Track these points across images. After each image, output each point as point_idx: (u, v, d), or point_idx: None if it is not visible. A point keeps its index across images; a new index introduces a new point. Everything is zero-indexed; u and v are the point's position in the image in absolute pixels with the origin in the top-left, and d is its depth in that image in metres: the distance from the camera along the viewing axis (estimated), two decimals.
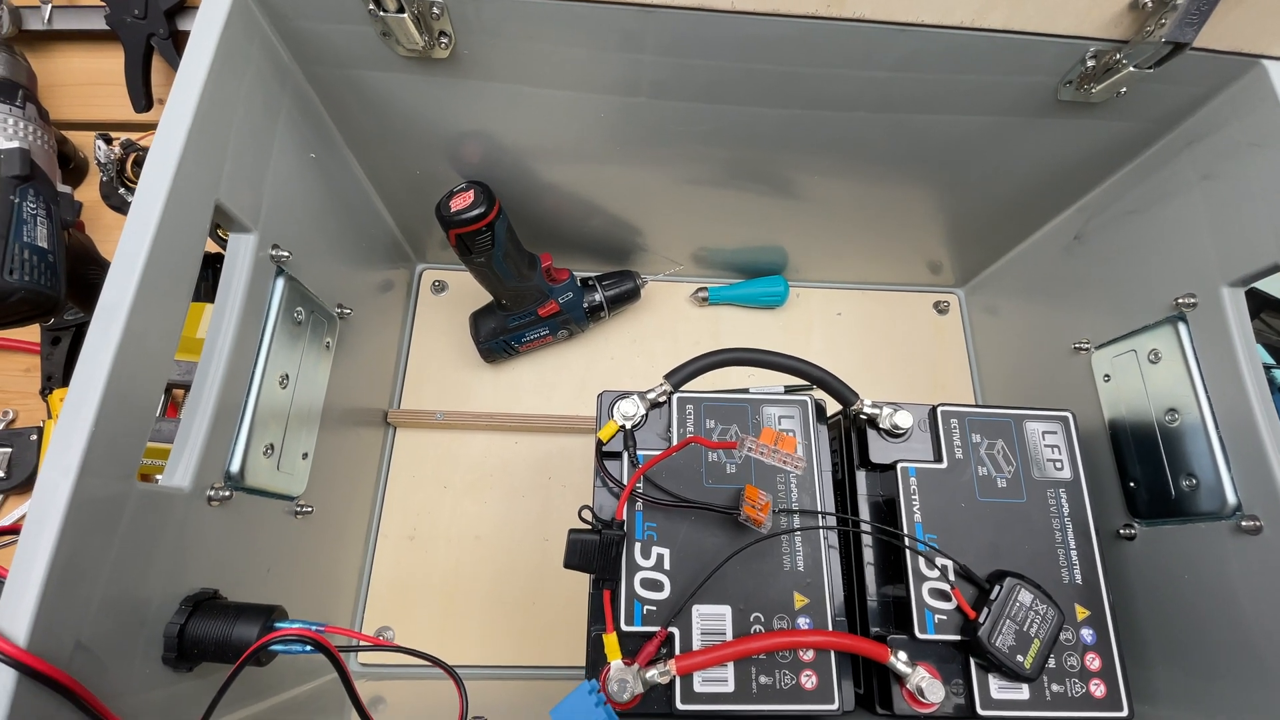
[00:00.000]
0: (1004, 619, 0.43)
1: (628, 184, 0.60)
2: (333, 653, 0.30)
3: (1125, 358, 0.51)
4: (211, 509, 0.37)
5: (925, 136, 0.51)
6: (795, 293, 0.73)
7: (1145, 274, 0.50)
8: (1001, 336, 0.68)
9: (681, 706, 0.41)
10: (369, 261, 0.59)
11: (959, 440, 0.48)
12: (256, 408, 0.40)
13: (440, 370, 0.68)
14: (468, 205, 0.52)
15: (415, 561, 0.61)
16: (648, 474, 0.46)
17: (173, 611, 0.34)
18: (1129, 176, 0.52)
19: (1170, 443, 0.47)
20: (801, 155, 0.55)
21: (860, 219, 0.65)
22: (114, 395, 0.29)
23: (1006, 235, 0.65)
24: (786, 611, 0.44)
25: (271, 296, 0.41)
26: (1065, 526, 0.46)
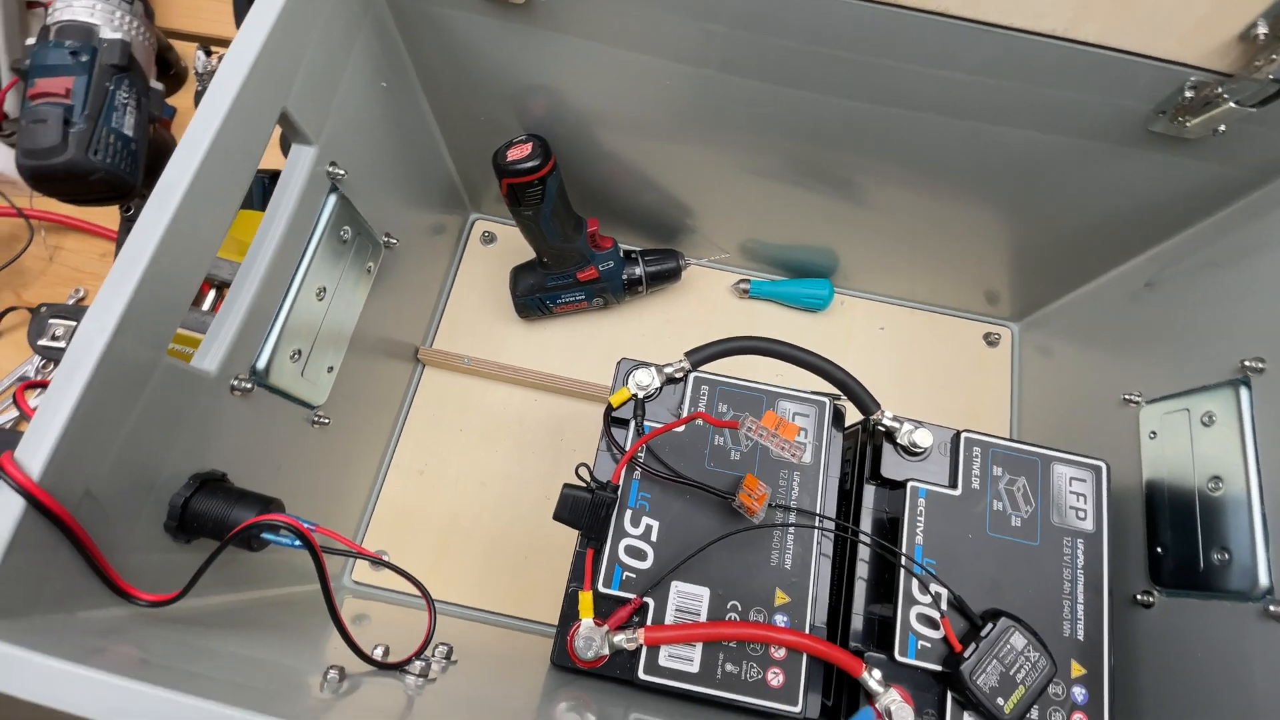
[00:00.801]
0: (991, 658, 0.41)
1: (686, 164, 0.60)
2: (313, 546, 0.31)
3: (1176, 416, 0.48)
4: (233, 398, 0.39)
5: (999, 151, 0.48)
6: (840, 299, 0.72)
7: (1214, 331, 0.47)
8: (1050, 379, 0.65)
9: (643, 676, 0.41)
10: (424, 200, 0.61)
11: (978, 470, 0.46)
12: (290, 313, 0.41)
13: (476, 318, 0.69)
14: (523, 156, 0.53)
15: (421, 496, 0.63)
16: (651, 446, 0.46)
17: (181, 485, 0.36)
18: (1216, 226, 0.48)
19: (1208, 512, 0.44)
20: (866, 156, 0.54)
21: (920, 234, 0.62)
22: (159, 267, 0.31)
23: (1073, 272, 0.61)
24: (765, 605, 0.43)
25: (322, 211, 0.43)
26: (1076, 578, 0.44)
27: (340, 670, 0.31)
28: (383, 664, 0.33)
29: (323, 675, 0.31)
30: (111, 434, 0.31)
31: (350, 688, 0.31)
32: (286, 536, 0.36)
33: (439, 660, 0.39)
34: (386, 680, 0.33)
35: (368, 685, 0.32)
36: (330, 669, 0.31)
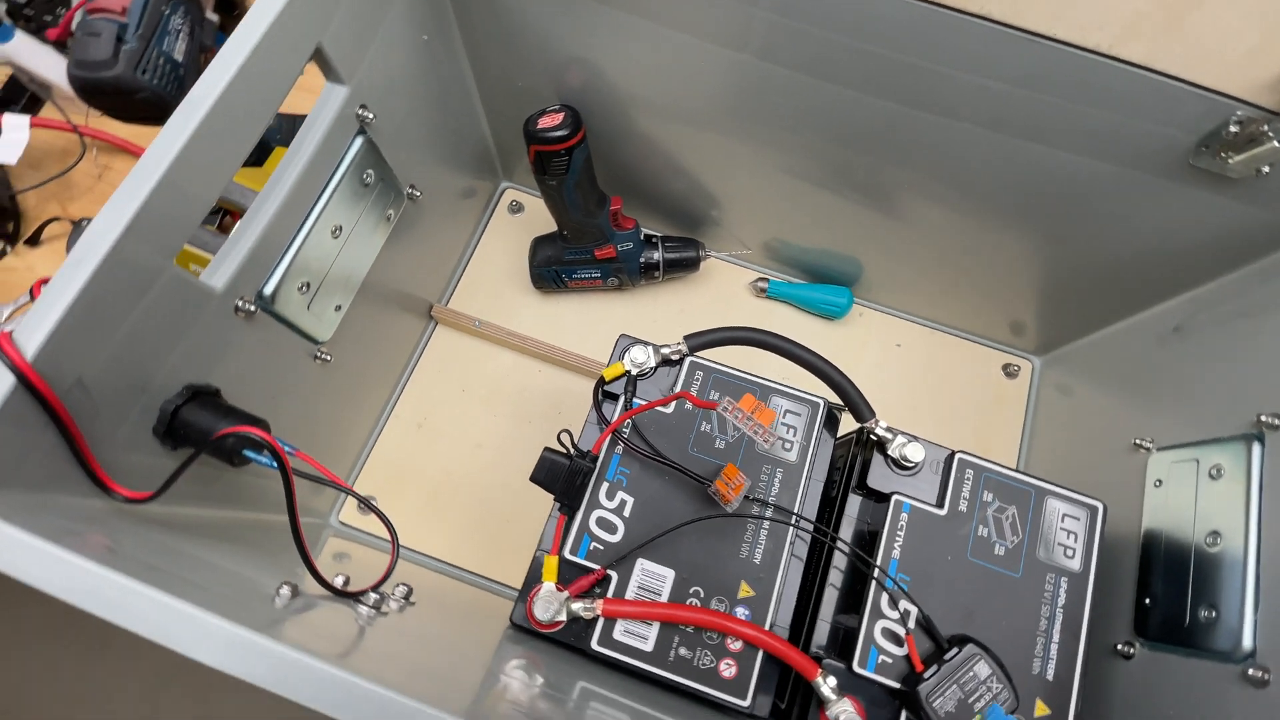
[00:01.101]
0: (951, 683, 0.40)
1: (719, 155, 0.59)
2: (284, 463, 0.32)
3: (1185, 466, 0.46)
4: (236, 319, 0.40)
5: (1036, 172, 0.47)
6: (859, 310, 0.70)
7: (1235, 382, 0.44)
8: (1065, 418, 0.63)
9: (596, 646, 0.41)
10: (455, 161, 0.62)
11: (968, 493, 0.45)
12: (303, 246, 0.42)
13: (493, 284, 0.70)
14: (554, 125, 0.53)
15: (416, 448, 0.64)
16: (637, 423, 0.46)
17: (174, 393, 0.37)
18: (1254, 274, 0.46)
19: (1202, 567, 0.42)
20: (901, 166, 0.53)
21: (950, 253, 0.61)
22: (175, 177, 0.32)
23: (1103, 310, 0.59)
24: (728, 596, 0.43)
25: (347, 151, 0.44)
26: (1055, 617, 0.43)
27: (294, 587, 0.32)
28: (338, 590, 0.34)
29: (275, 589, 0.31)
30: (109, 330, 0.32)
31: (302, 606, 0.32)
32: (267, 457, 0.37)
33: (397, 599, 0.39)
34: (339, 606, 0.34)
35: (319, 607, 0.33)
36: (283, 585, 0.31)
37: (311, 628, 0.30)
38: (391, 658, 0.31)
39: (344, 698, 0.24)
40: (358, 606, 0.34)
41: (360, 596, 0.35)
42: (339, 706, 0.24)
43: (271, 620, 0.29)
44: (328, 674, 0.25)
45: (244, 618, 0.26)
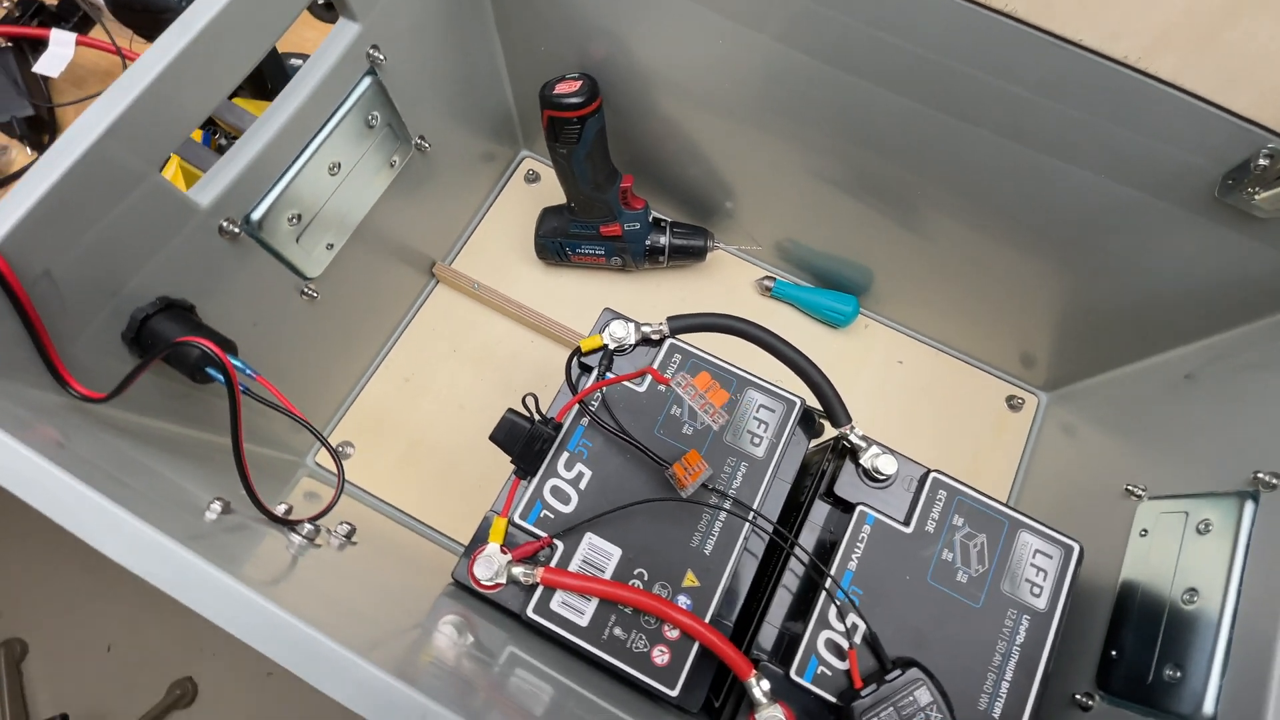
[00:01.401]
0: (888, 705, 0.38)
1: (740, 145, 0.58)
2: (231, 381, 0.32)
3: (1173, 518, 0.43)
4: (220, 240, 0.40)
5: (1053, 190, 0.45)
6: (864, 322, 0.69)
7: (1237, 437, 0.42)
8: (1064, 458, 0.60)
9: (530, 614, 0.40)
10: (474, 121, 0.62)
11: (937, 514, 0.43)
12: (296, 177, 0.43)
13: (499, 250, 0.70)
14: (570, 92, 0.53)
15: (400, 401, 0.64)
16: (607, 399, 0.45)
17: (147, 302, 0.38)
18: (1276, 326, 0.43)
19: (1174, 625, 0.40)
20: (921, 176, 0.51)
21: (967, 273, 0.59)
22: (166, 85, 0.32)
23: (1116, 350, 0.57)
24: (672, 583, 0.42)
25: (353, 90, 0.44)
26: (1010, 654, 0.41)
27: (226, 504, 0.32)
28: (273, 515, 0.34)
29: (207, 504, 0.31)
30: (82, 227, 0.32)
31: (233, 525, 0.32)
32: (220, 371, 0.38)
33: (338, 537, 0.39)
34: (271, 532, 0.34)
35: (250, 530, 0.33)
36: (215, 500, 0.32)
37: (232, 544, 0.30)
38: (313, 590, 0.31)
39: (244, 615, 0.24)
40: (290, 534, 0.34)
41: (296, 526, 0.35)
42: (236, 622, 0.24)
43: (193, 532, 0.29)
44: (231, 588, 0.24)
45: (160, 522, 0.26)
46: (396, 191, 0.54)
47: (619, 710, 0.38)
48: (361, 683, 0.24)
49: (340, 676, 0.23)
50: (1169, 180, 0.39)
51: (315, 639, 0.24)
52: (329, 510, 0.37)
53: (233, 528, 0.32)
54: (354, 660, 0.24)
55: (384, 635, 0.28)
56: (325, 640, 0.24)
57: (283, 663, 0.24)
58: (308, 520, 0.35)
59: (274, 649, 0.24)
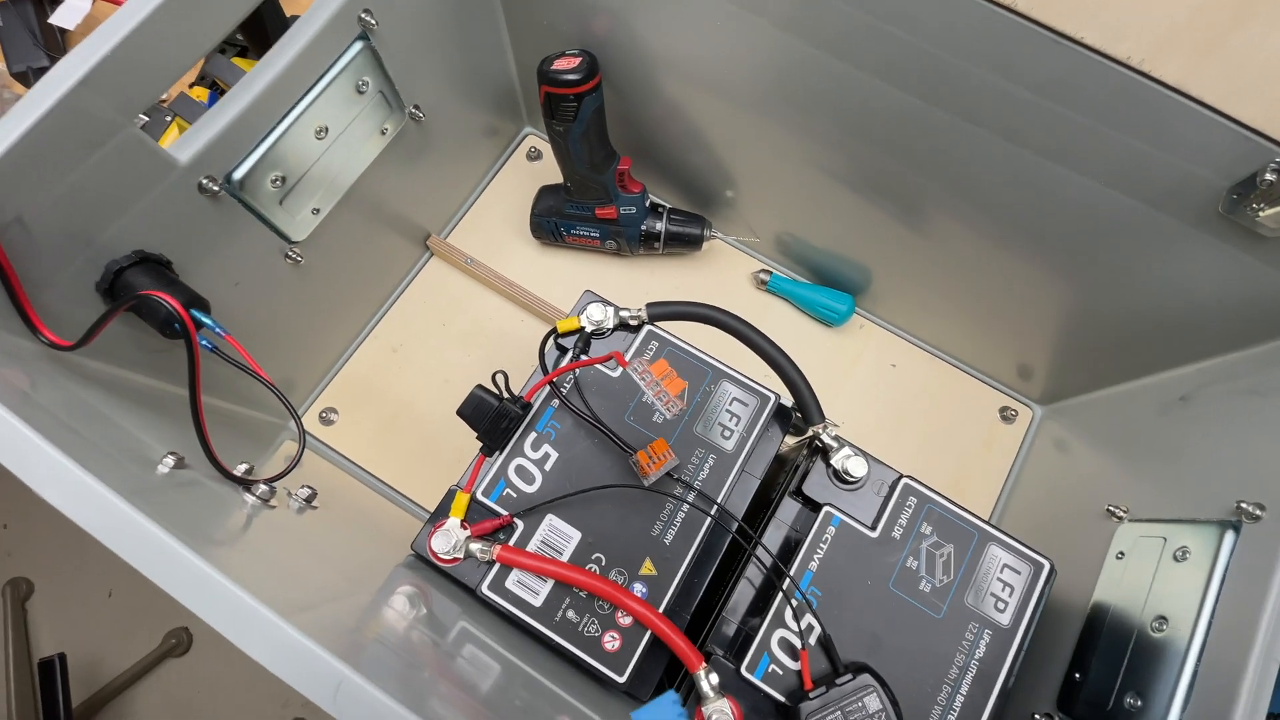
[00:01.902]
0: (835, 709, 0.38)
1: (743, 134, 0.57)
2: (190, 337, 0.32)
3: (1150, 543, 0.42)
4: (201, 198, 0.40)
5: (1052, 197, 0.43)
6: (859, 322, 0.67)
7: (1224, 464, 0.40)
8: (1052, 474, 0.59)
9: (484, 591, 0.40)
10: (475, 95, 0.61)
11: (906, 521, 0.42)
12: (281, 138, 0.42)
13: (496, 226, 0.69)
14: (569, 68, 0.52)
15: (386, 372, 0.64)
16: (579, 381, 0.45)
17: (123, 255, 0.38)
18: (1275, 352, 0.42)
19: (1140, 652, 0.38)
20: (918, 170, 0.50)
21: (965, 277, 0.57)
22: (146, 36, 0.32)
23: (1113, 367, 0.55)
24: (630, 570, 0.41)
25: (343, 53, 0.44)
26: (968, 669, 0.40)
27: (179, 458, 0.32)
28: (228, 472, 0.34)
29: (160, 457, 0.32)
30: (56, 176, 0.32)
31: (185, 480, 0.32)
32: (206, 339, 0.38)
33: (297, 499, 0.39)
34: (224, 489, 0.34)
35: (203, 485, 0.33)
36: (169, 453, 0.32)
37: (177, 500, 0.30)
38: (255, 549, 0.31)
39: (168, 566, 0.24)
40: (244, 494, 0.34)
41: (251, 486, 0.35)
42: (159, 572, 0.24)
43: (137, 485, 0.29)
44: (157, 539, 0.24)
45: (102, 472, 0.26)
46: (389, 160, 0.54)
47: (565, 693, 0.38)
48: (281, 644, 0.24)
49: (259, 636, 0.23)
50: (1171, 191, 0.37)
51: (237, 596, 0.24)
52: (287, 473, 0.37)
53: (184, 483, 0.32)
54: (274, 621, 0.24)
55: (319, 600, 0.28)
56: (246, 598, 0.24)
57: (203, 617, 0.24)
58: (264, 481, 0.35)
59: (196, 603, 0.24)
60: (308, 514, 0.39)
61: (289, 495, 0.39)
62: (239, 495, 0.35)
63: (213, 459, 0.33)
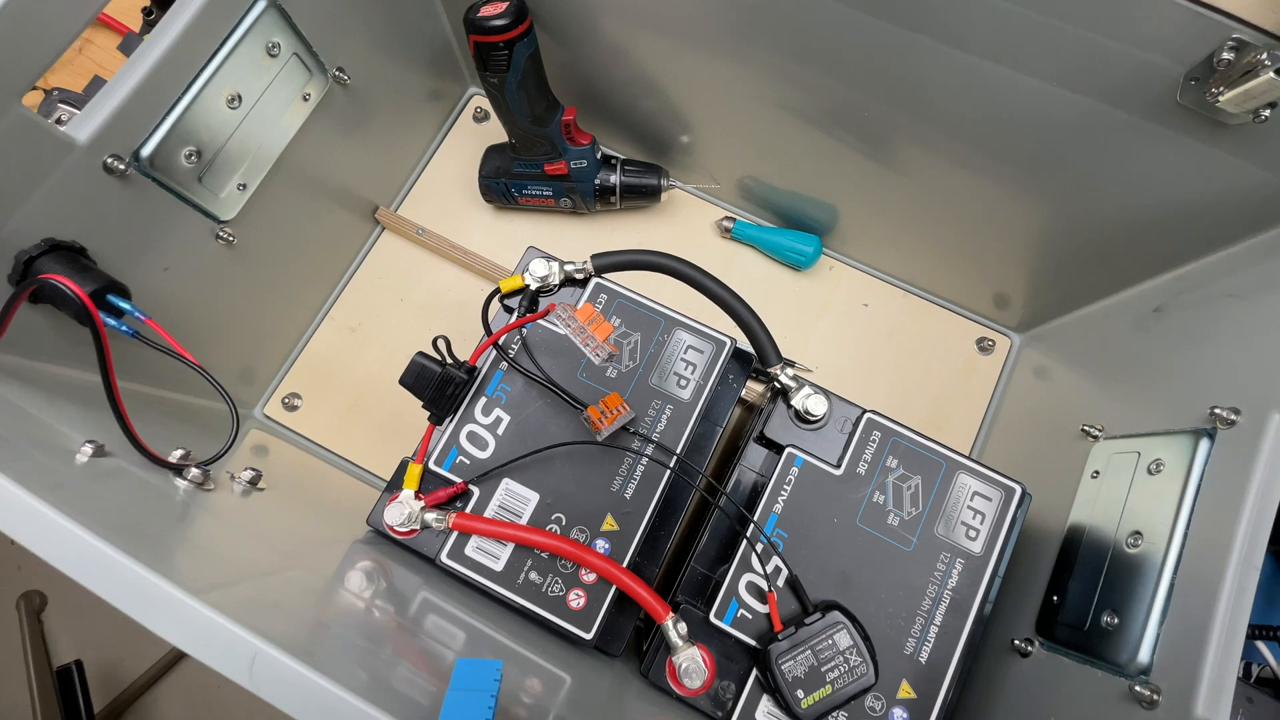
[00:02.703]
0: (805, 648, 0.37)
1: (695, 74, 0.54)
2: (95, 320, 0.31)
3: (1125, 458, 0.41)
4: (109, 178, 0.38)
5: (1005, 105, 0.41)
6: (829, 264, 0.65)
7: (1200, 371, 0.39)
8: (1033, 401, 0.57)
9: (443, 560, 0.40)
10: (407, 54, 0.58)
11: (870, 455, 0.41)
12: (188, 109, 0.40)
13: (447, 194, 0.67)
14: (495, 14, 0.49)
15: (346, 352, 0.63)
16: (527, 341, 0.43)
17: (32, 245, 0.36)
18: (1253, 251, 0.40)
19: (1116, 570, 0.37)
20: (871, 95, 0.47)
21: (937, 209, 0.55)
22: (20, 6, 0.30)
23: (1089, 284, 0.53)
24: (591, 527, 0.40)
25: (246, 14, 0.41)
26: (941, 599, 0.39)
27: (98, 446, 0.31)
28: (155, 457, 0.33)
29: (78, 446, 0.30)
30: None
31: (105, 470, 0.31)
32: (115, 320, 0.36)
33: (240, 483, 0.38)
34: (151, 475, 0.33)
35: (126, 473, 0.32)
36: (87, 442, 0.30)
37: (91, 489, 0.29)
38: (181, 535, 0.30)
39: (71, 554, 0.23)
40: (175, 479, 0.33)
41: (182, 471, 0.34)
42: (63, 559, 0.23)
43: (47, 474, 0.28)
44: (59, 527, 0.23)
45: (17, 471, 0.24)
46: (319, 129, 0.51)
47: (533, 655, 0.38)
48: (189, 621, 0.23)
49: (165, 615, 0.23)
50: (1126, 85, 0.35)
51: (140, 575, 0.23)
52: (220, 455, 0.36)
53: (104, 472, 0.31)
54: (180, 598, 0.23)
55: (241, 577, 0.27)
56: (150, 577, 0.23)
57: (109, 599, 0.23)
58: (195, 465, 0.34)
59: (101, 586, 0.23)
60: (253, 496, 0.38)
61: (232, 479, 0.38)
62: (169, 482, 0.33)
63: (135, 443, 0.32)
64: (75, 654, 0.92)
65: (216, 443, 0.40)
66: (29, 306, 0.37)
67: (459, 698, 0.23)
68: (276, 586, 0.28)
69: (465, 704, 0.22)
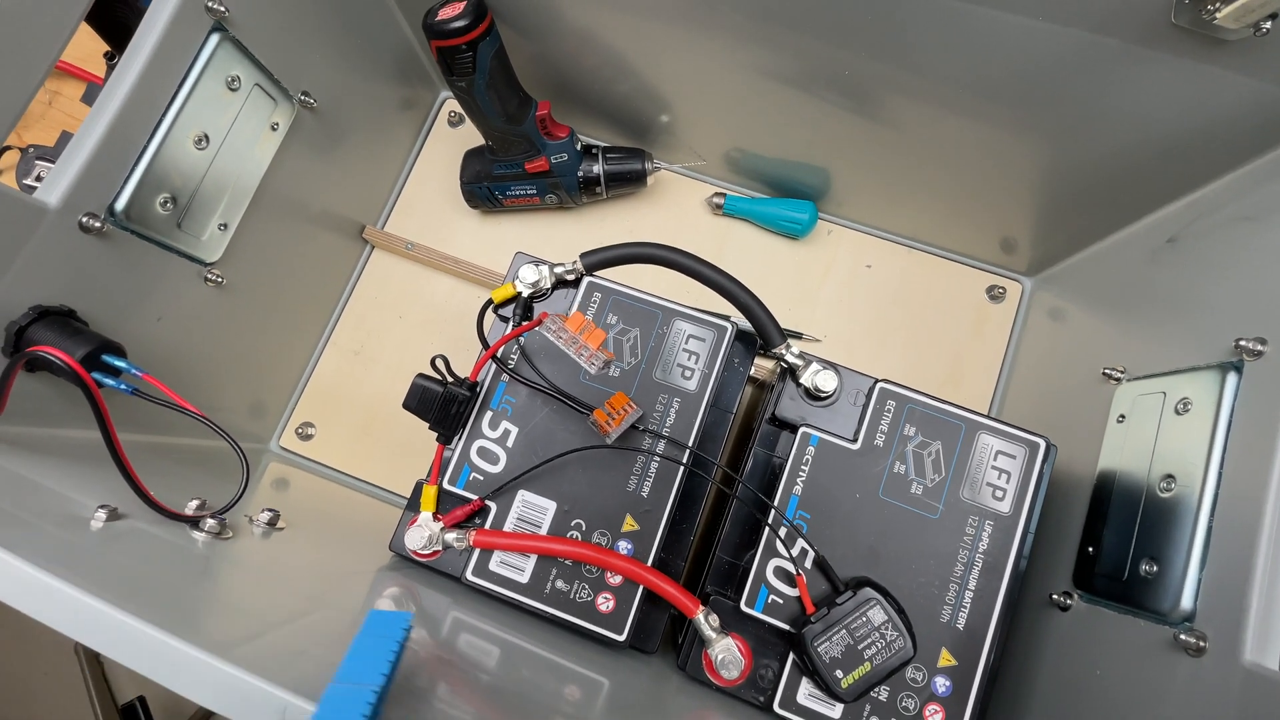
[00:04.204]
0: (840, 628, 0.37)
1: (664, 49, 0.52)
2: (86, 383, 0.30)
3: (1151, 399, 0.39)
4: (88, 238, 0.38)
5: (1000, 47, 0.39)
6: (827, 228, 0.64)
7: (1221, 301, 0.37)
8: (1050, 346, 0.56)
9: (469, 577, 0.40)
10: (372, 67, 0.57)
11: (886, 426, 0.40)
12: (156, 156, 0.40)
13: (432, 204, 0.66)
14: (453, 15, 0.48)
15: (354, 376, 0.63)
16: (526, 349, 0.43)
17: (20, 313, 0.36)
18: (1264, 171, 0.38)
19: (1151, 514, 0.36)
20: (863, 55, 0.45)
21: (931, 158, 0.53)
22: None
23: (1098, 221, 0.51)
24: (612, 530, 0.40)
25: (200, 51, 0.40)
26: (974, 562, 0.38)
27: (111, 510, 0.31)
28: (169, 512, 0.33)
29: (92, 512, 0.30)
30: None
31: (121, 531, 0.31)
32: (114, 380, 0.36)
33: (259, 525, 0.38)
34: (168, 531, 0.33)
35: (142, 533, 0.32)
36: (100, 507, 0.31)
37: (107, 556, 0.29)
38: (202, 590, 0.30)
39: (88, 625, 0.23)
40: (192, 532, 0.33)
41: (198, 523, 0.34)
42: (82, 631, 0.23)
43: (64, 548, 0.28)
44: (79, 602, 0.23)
45: (17, 545, 0.25)
46: (293, 157, 0.51)
47: (569, 662, 0.38)
48: (216, 683, 0.23)
49: (189, 678, 0.23)
50: (1115, 10, 0.33)
51: (162, 641, 0.23)
52: (234, 503, 0.36)
53: (120, 535, 0.31)
54: (205, 660, 0.23)
55: (267, 627, 0.27)
56: (172, 641, 0.23)
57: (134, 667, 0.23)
58: (210, 515, 0.34)
59: (124, 655, 0.23)
60: (273, 537, 0.38)
61: (250, 522, 0.39)
62: (186, 534, 0.33)
63: (148, 500, 0.32)
64: (137, 690, 0.95)
65: (232, 484, 0.41)
66: (26, 375, 0.37)
67: (366, 643, 0.23)
68: (303, 631, 0.28)
69: (370, 650, 0.23)
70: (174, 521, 0.34)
